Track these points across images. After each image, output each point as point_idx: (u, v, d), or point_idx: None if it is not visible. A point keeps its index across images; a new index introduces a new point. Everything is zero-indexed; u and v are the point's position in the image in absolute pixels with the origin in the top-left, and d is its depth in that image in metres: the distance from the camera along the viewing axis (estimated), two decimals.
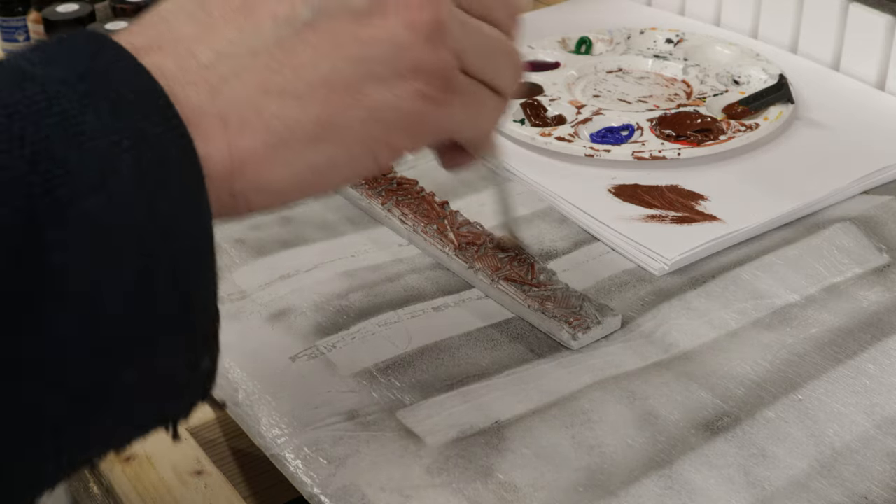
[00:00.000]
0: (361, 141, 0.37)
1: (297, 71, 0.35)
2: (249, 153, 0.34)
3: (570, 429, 0.48)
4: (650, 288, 0.58)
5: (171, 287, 0.31)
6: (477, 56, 0.39)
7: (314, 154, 0.36)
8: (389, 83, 0.36)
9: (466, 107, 0.39)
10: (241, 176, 0.34)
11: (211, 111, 0.34)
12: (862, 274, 0.58)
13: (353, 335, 0.54)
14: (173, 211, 0.31)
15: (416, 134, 0.38)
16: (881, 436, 0.47)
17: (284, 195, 0.36)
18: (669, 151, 0.68)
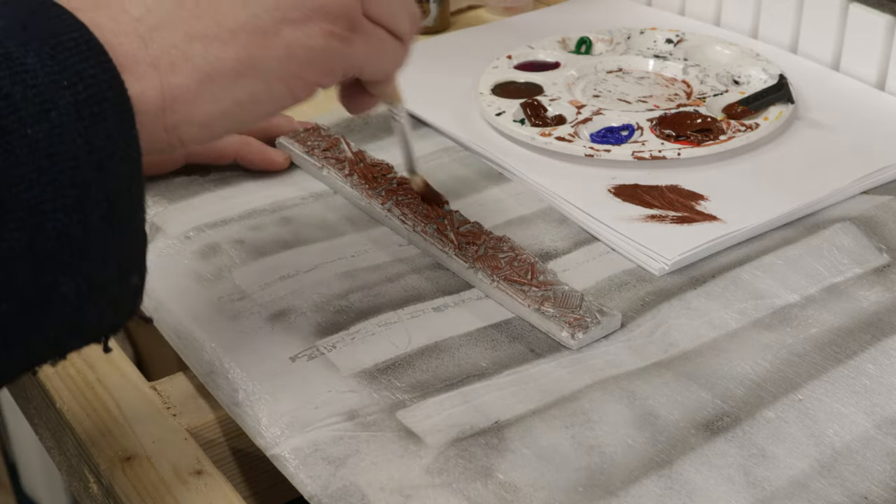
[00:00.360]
0: (279, 77, 0.42)
1: (218, 18, 0.40)
2: (179, 90, 0.39)
3: (570, 429, 0.48)
4: (650, 288, 0.58)
5: (104, 209, 0.36)
6: (377, 2, 0.45)
7: (238, 89, 0.41)
8: (301, 24, 0.42)
9: (369, 46, 0.45)
10: (173, 111, 0.39)
11: (143, 57, 0.38)
12: (862, 274, 0.58)
13: (353, 335, 0.54)
14: (107, 141, 0.36)
15: (326, 69, 0.44)
16: (881, 436, 0.47)
17: (213, 128, 0.41)
18: (669, 151, 0.68)
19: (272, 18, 0.41)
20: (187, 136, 0.41)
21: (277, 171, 0.69)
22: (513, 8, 0.98)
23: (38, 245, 0.35)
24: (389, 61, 0.48)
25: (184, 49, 0.39)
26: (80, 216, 0.35)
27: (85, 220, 0.36)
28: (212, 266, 0.60)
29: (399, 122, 0.58)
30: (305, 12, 0.42)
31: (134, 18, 0.39)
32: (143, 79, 0.38)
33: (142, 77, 0.38)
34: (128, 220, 0.38)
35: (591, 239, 0.62)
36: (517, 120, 0.73)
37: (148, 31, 0.39)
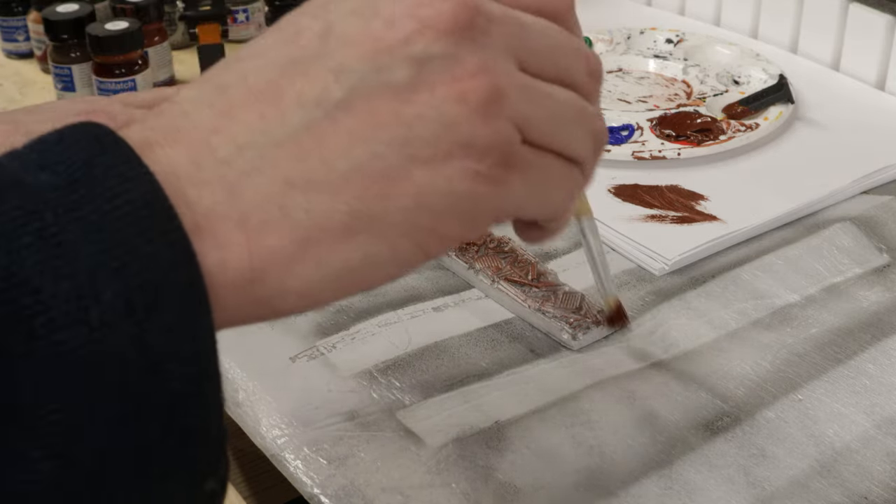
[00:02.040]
0: (405, 233, 0.31)
1: (327, 159, 0.30)
2: (272, 255, 0.30)
3: (570, 429, 0.48)
4: (650, 288, 0.58)
5: (164, 422, 0.28)
6: (544, 124, 0.33)
7: (349, 251, 0.31)
8: (436, 165, 0.31)
9: (530, 183, 0.33)
10: (264, 281, 0.30)
11: (228, 213, 0.29)
12: (862, 274, 0.58)
13: (353, 335, 0.54)
14: (167, 338, 0.27)
15: (471, 219, 0.32)
16: (881, 436, 0.47)
17: (317, 298, 0.31)
18: (669, 151, 0.68)
19: (397, 158, 0.31)
20: (282, 309, 0.31)
21: None
22: None
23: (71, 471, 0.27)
24: (560, 196, 0.35)
25: (280, 201, 0.30)
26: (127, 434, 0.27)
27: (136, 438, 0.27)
28: None
29: (587, 238, 0.51)
30: (443, 148, 0.31)
31: (221, 161, 0.30)
32: (226, 244, 0.29)
33: (225, 241, 0.29)
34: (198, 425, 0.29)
35: None
36: None
37: (238, 178, 0.30)
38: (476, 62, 0.31)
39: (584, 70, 0.35)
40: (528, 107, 0.32)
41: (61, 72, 0.82)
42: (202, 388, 0.29)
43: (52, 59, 0.82)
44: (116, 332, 0.26)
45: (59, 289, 0.26)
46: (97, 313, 0.26)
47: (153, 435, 0.28)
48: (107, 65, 0.79)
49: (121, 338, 0.27)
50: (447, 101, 0.31)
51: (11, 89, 0.88)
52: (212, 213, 0.29)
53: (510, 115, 0.32)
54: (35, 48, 0.91)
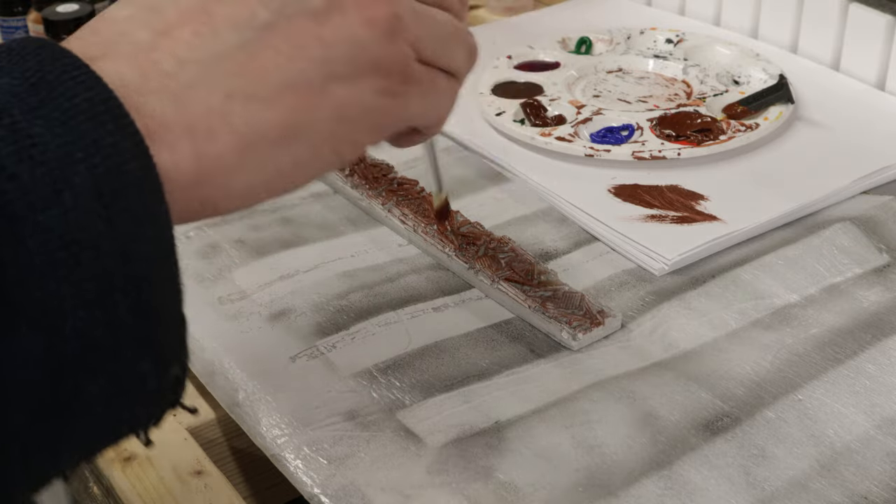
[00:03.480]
0: (326, 139, 0.36)
1: (261, 75, 0.34)
2: (218, 160, 0.33)
3: (570, 429, 0.48)
4: (650, 288, 0.58)
5: (132, 300, 0.31)
6: (432, 44, 0.39)
7: (282, 155, 0.35)
8: (352, 81, 0.36)
9: (425, 95, 0.39)
10: (209, 183, 0.34)
11: (176, 120, 0.33)
12: (862, 274, 0.58)
13: (353, 335, 0.54)
14: (132, 222, 0.30)
15: (378, 128, 0.38)
16: (881, 436, 0.47)
17: (253, 198, 0.36)
18: (669, 151, 0.68)
19: (319, 74, 0.35)
20: (223, 207, 0.35)
21: None
22: (513, 8, 0.98)
23: (56, 349, 0.29)
24: (445, 105, 0.41)
25: (223, 111, 0.33)
26: (103, 312, 0.30)
27: (109, 316, 0.30)
28: (212, 266, 0.60)
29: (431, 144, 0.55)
30: (357, 67, 0.36)
31: (165, 73, 0.33)
32: (175, 147, 0.32)
33: (174, 145, 0.32)
34: (161, 307, 0.32)
35: (591, 239, 0.62)
36: (517, 120, 0.73)
37: (181, 90, 0.33)
38: None
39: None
40: (420, 29, 0.38)
41: None
42: (164, 268, 0.32)
43: None
44: (89, 214, 0.29)
45: (35, 174, 0.29)
46: (70, 196, 0.29)
47: (123, 315, 0.30)
48: None
49: (92, 219, 0.29)
50: (358, 24, 0.36)
51: None
52: (161, 119, 0.32)
53: (407, 37, 0.38)
54: None
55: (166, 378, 0.33)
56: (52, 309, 0.29)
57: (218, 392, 0.51)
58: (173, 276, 0.32)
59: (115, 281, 0.30)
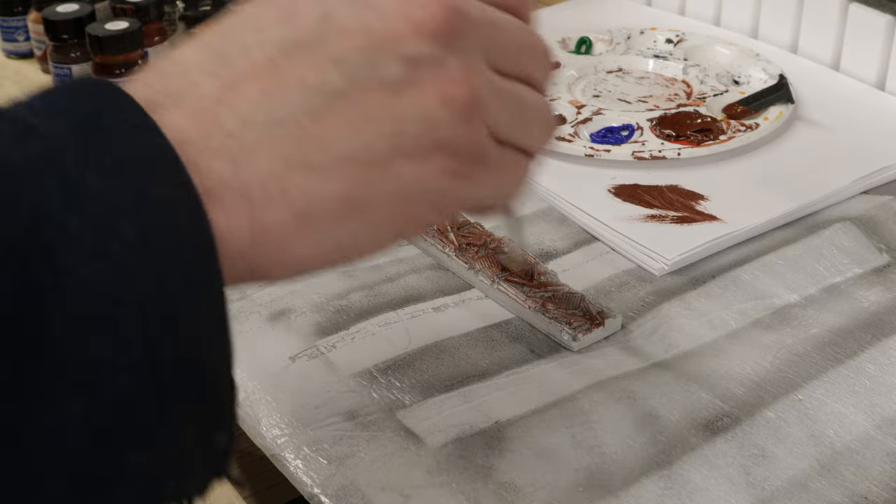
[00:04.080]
0: (388, 217, 0.34)
1: (325, 143, 0.33)
2: (272, 229, 0.32)
3: (570, 429, 0.48)
4: (650, 288, 0.58)
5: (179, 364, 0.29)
6: (511, 124, 0.36)
7: (339, 231, 0.34)
8: (419, 160, 0.34)
9: (494, 176, 0.37)
10: (261, 252, 0.32)
11: (233, 184, 0.31)
12: (862, 274, 0.58)
13: (353, 335, 0.54)
14: (183, 281, 0.29)
15: (441, 209, 0.36)
16: (881, 436, 0.47)
17: (304, 270, 0.35)
18: (669, 151, 0.68)
19: (387, 149, 0.33)
20: (274, 276, 0.34)
21: None
22: None
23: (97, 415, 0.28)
24: (515, 184, 0.38)
25: (282, 179, 0.32)
26: (148, 376, 0.28)
27: (155, 381, 0.29)
28: None
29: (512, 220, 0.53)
30: (426, 145, 0.34)
31: (227, 132, 0.32)
32: (230, 211, 0.31)
33: (229, 209, 0.31)
34: (210, 373, 0.31)
35: (591, 239, 0.62)
36: None
37: (242, 152, 0.32)
38: (459, 68, 0.34)
39: (542, 67, 0.38)
40: (499, 110, 0.36)
41: (61, 72, 0.82)
42: (215, 330, 0.31)
43: (53, 59, 0.82)
44: (136, 270, 0.28)
45: (83, 224, 0.27)
46: (118, 248, 0.28)
47: (169, 380, 0.29)
48: (107, 65, 0.79)
49: (140, 275, 0.28)
50: (434, 102, 0.34)
51: (12, 89, 0.88)
52: (219, 181, 0.31)
53: (485, 118, 0.35)
54: (35, 48, 0.90)
55: (212, 447, 0.31)
56: (94, 370, 0.27)
57: None
58: (224, 340, 0.31)
59: (161, 343, 0.29)
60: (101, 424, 0.28)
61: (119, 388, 0.28)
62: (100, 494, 0.29)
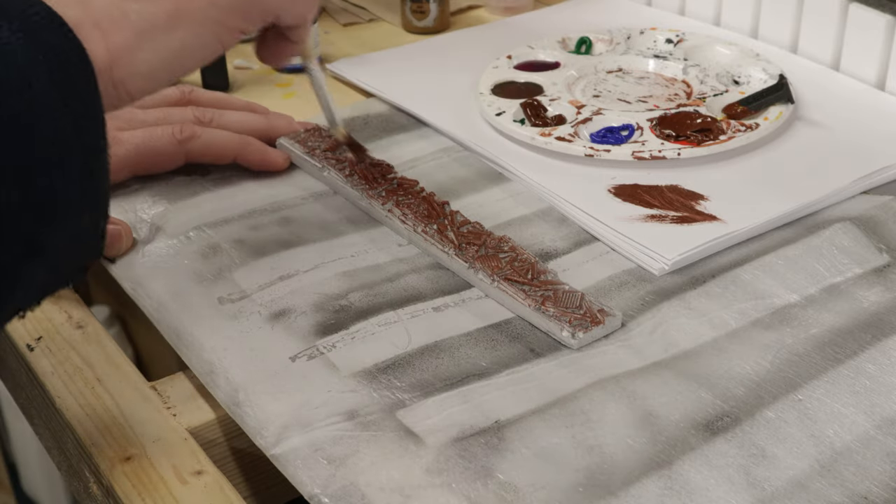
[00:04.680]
0: (204, 25, 0.47)
1: None
2: (122, 46, 0.44)
3: (570, 429, 0.48)
4: (650, 288, 0.58)
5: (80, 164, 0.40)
6: None
7: (172, 40, 0.46)
8: None
9: None
10: (118, 66, 0.44)
11: (86, 20, 0.43)
12: (862, 274, 0.58)
13: (353, 335, 0.54)
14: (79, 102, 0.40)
15: (245, 14, 0.49)
16: (881, 436, 0.47)
17: (155, 78, 0.46)
18: (669, 151, 0.68)
19: None
20: (133, 88, 0.45)
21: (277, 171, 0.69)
22: (513, 8, 0.98)
23: (31, 200, 0.39)
24: (305, 7, 0.53)
25: (121, 8, 0.44)
26: (61, 172, 0.40)
27: (67, 176, 0.40)
28: (212, 266, 0.60)
29: (315, 77, 0.62)
30: None
31: None
32: (89, 40, 0.42)
33: (88, 38, 0.42)
34: (99, 171, 0.42)
35: (591, 239, 0.62)
36: (517, 120, 0.73)
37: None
38: None
39: None
40: None
41: None
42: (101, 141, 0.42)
43: None
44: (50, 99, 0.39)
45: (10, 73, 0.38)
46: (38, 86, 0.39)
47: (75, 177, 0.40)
48: None
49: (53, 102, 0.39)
50: None
51: None
52: (75, 20, 0.41)
53: None
54: None
55: (97, 230, 0.43)
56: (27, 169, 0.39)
57: (218, 392, 0.51)
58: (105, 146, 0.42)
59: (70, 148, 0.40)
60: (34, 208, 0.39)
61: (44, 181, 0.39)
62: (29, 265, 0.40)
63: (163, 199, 0.66)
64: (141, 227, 0.63)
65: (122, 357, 0.56)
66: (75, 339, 0.57)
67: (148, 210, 0.65)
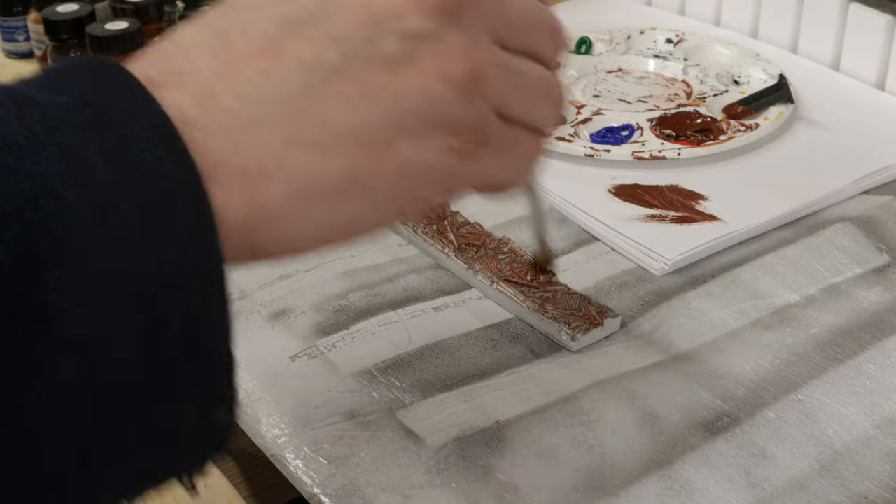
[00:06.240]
0: (388, 195, 0.34)
1: (323, 121, 0.32)
2: (270, 207, 0.32)
3: (570, 429, 0.48)
4: (650, 288, 0.58)
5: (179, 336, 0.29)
6: (517, 102, 0.36)
7: (338, 209, 0.33)
8: (420, 138, 0.33)
9: (501, 155, 0.36)
10: (260, 229, 0.32)
11: (231, 161, 0.31)
12: (862, 274, 0.58)
13: (353, 335, 0.54)
14: (181, 254, 0.29)
15: (444, 188, 0.35)
16: (881, 436, 0.47)
17: (304, 248, 0.34)
18: (669, 151, 0.68)
19: (385, 127, 0.33)
20: (273, 253, 0.34)
21: None
22: None
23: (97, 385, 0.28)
24: (524, 164, 0.38)
25: (279, 157, 0.32)
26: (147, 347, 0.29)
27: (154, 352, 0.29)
28: None
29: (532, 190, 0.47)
30: (427, 123, 0.33)
31: (224, 109, 0.31)
32: (228, 188, 0.31)
33: (227, 186, 0.31)
34: (209, 346, 0.31)
35: (591, 239, 0.62)
36: None
37: (241, 129, 0.31)
38: (460, 43, 0.33)
39: (552, 43, 0.37)
40: (503, 86, 0.35)
41: None
42: (213, 304, 0.31)
43: (52, 59, 0.82)
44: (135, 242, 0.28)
45: (81, 196, 0.27)
46: (117, 222, 0.28)
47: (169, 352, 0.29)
48: None
49: (139, 247, 0.28)
50: (433, 79, 0.33)
51: None
52: (217, 158, 0.31)
53: (488, 95, 0.34)
54: (35, 48, 0.90)
55: (211, 422, 0.32)
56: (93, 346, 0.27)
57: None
58: (224, 313, 0.32)
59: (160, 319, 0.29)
60: (99, 398, 0.28)
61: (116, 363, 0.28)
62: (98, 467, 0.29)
63: None
64: None
65: None
66: None
67: None
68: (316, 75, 0.32)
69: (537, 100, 0.37)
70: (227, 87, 0.32)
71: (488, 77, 0.34)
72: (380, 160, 0.33)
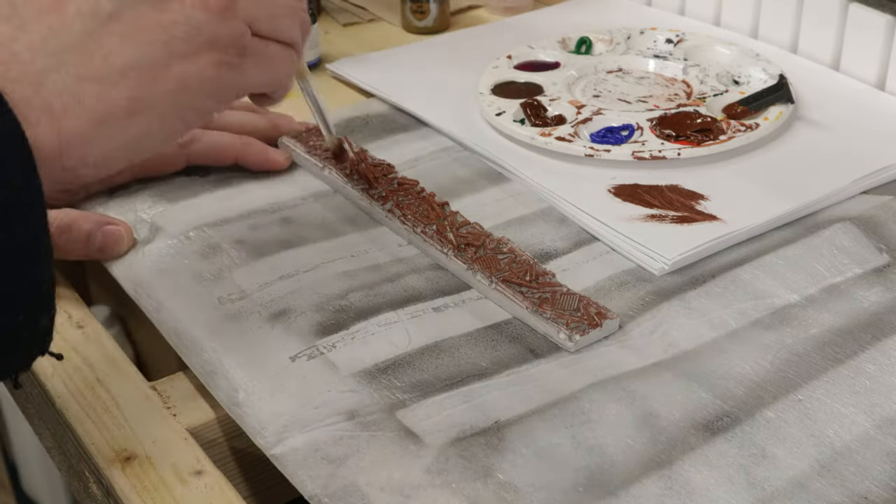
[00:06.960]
0: (172, 110, 0.43)
1: (106, 58, 0.41)
2: (74, 133, 0.40)
3: (570, 429, 0.48)
4: (650, 288, 0.58)
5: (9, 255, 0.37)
6: (266, 20, 0.45)
7: (131, 127, 0.42)
8: (190, 58, 0.42)
9: (260, 65, 0.46)
10: (69, 154, 0.40)
11: (36, 103, 0.39)
12: (862, 274, 0.58)
13: (353, 335, 0.54)
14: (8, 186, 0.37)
15: (219, 97, 0.45)
16: (881, 436, 0.47)
17: (109, 165, 0.42)
18: (669, 151, 0.68)
19: (161, 54, 0.42)
20: (84, 174, 0.42)
21: (278, 170, 0.69)
22: (513, 8, 0.98)
23: None
24: (283, 72, 0.48)
25: (75, 92, 0.40)
26: None
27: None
28: (212, 266, 0.60)
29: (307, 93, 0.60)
30: (194, 45, 0.43)
31: (23, 63, 0.39)
32: (37, 124, 0.39)
33: (36, 123, 0.39)
34: (35, 265, 0.38)
35: (591, 239, 0.62)
36: (517, 120, 0.73)
37: (38, 76, 0.39)
38: None
39: None
40: (253, 8, 0.45)
41: None
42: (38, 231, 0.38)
43: None
44: None
45: None
46: None
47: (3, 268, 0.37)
48: None
49: None
50: (194, 8, 0.43)
51: None
52: (23, 102, 0.38)
53: (242, 16, 0.44)
54: None
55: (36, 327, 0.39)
56: None
57: (218, 392, 0.51)
58: (45, 238, 0.38)
59: None
60: None
61: None
62: None
63: (163, 200, 0.66)
64: (141, 227, 0.63)
65: (122, 357, 0.56)
66: (75, 339, 0.57)
67: (148, 210, 0.65)
68: (94, 22, 0.41)
69: (284, 19, 0.47)
70: (22, 45, 0.39)
71: (240, 1, 0.44)
72: (159, 82, 0.42)
